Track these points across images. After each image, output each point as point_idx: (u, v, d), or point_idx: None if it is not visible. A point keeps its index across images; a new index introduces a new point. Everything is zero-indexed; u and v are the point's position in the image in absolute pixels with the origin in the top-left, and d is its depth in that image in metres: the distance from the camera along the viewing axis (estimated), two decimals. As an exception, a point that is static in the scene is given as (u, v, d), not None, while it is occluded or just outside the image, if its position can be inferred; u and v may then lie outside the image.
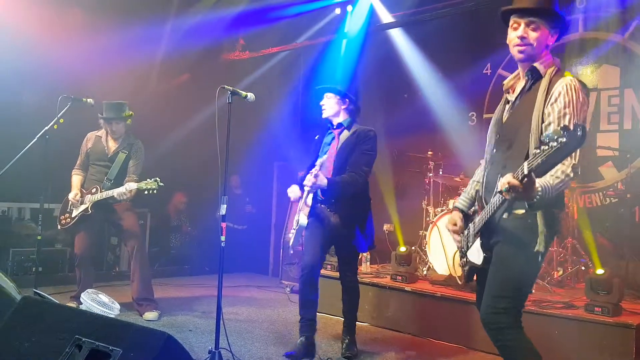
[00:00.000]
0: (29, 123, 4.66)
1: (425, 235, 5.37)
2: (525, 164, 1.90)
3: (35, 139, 4.26)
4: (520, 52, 2.36)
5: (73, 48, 6.09)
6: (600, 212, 5.37)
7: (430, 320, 4.47)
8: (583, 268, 4.79)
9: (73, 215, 4.73)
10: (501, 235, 2.34)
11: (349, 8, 7.43)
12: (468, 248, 2.56)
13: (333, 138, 3.89)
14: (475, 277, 2.59)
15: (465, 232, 2.60)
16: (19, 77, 5.87)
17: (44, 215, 4.44)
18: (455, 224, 2.62)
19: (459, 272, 4.40)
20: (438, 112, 6.47)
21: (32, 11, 6.02)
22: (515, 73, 2.53)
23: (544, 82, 2.32)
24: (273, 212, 7.56)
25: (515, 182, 1.95)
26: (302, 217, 3.74)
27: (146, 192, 4.47)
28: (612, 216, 5.18)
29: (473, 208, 2.65)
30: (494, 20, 2.59)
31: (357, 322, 3.99)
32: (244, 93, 3.45)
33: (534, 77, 2.38)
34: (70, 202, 4.78)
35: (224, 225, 3.06)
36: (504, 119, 2.49)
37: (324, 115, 3.88)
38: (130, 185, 4.50)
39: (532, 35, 2.33)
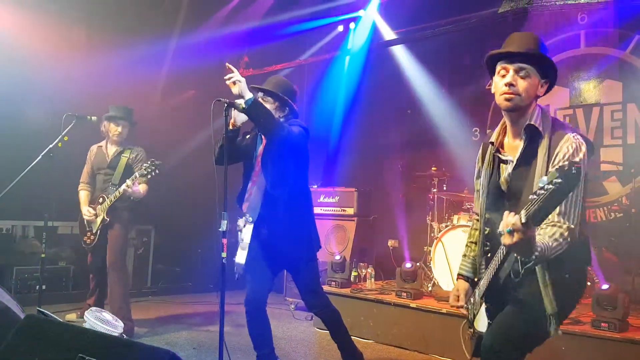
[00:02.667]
0: (33, 141, 4.67)
1: (430, 251, 5.35)
2: (523, 211, 1.74)
3: (40, 157, 4.27)
4: (508, 100, 2.12)
5: (77, 66, 6.16)
6: (605, 227, 5.33)
7: (436, 337, 4.42)
8: (589, 283, 4.75)
9: (95, 231, 4.66)
10: (511, 296, 2.14)
11: (352, 25, 7.53)
12: (475, 317, 2.35)
13: (260, 142, 3.42)
14: None
15: (472, 299, 2.38)
16: (23, 95, 5.91)
17: (48, 233, 4.42)
18: (457, 299, 2.38)
19: (467, 345, 3.98)
20: (441, 127, 6.50)
21: (37, 30, 6.10)
22: (500, 126, 2.31)
23: (544, 144, 2.10)
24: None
25: (518, 223, 1.74)
26: (240, 255, 3.40)
27: (149, 176, 4.37)
28: (617, 231, 5.14)
29: (480, 274, 2.38)
30: (495, 36, 2.55)
31: (362, 340, 3.91)
32: (241, 105, 3.06)
33: (534, 137, 2.14)
34: (85, 220, 4.72)
35: (224, 241, 3.05)
36: (504, 182, 2.23)
37: None
38: (131, 179, 4.43)
39: (522, 84, 2.10)
